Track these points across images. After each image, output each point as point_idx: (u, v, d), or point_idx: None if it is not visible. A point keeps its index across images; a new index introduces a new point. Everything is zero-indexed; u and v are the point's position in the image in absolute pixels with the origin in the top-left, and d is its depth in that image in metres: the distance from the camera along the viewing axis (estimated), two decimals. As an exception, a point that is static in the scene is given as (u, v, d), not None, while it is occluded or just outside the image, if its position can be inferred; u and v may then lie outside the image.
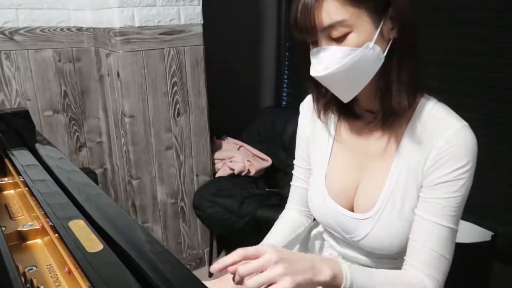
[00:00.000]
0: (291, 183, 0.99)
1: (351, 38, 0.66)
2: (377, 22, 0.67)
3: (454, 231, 0.72)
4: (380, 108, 0.73)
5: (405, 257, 0.75)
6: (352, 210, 0.81)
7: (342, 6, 0.64)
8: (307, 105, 0.92)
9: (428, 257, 0.72)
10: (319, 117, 0.84)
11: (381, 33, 0.67)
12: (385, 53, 0.69)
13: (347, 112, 0.81)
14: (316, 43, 0.70)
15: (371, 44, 0.66)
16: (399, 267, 0.81)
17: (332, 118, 0.85)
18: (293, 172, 0.97)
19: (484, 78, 1.60)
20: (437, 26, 1.70)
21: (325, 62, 0.68)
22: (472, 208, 1.63)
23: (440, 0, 1.69)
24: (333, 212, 0.82)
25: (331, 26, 0.65)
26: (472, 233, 1.58)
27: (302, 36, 0.70)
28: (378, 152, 0.78)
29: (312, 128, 0.90)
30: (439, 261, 0.72)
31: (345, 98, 0.74)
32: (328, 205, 0.83)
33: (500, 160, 1.58)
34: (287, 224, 0.94)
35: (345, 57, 0.66)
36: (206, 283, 0.70)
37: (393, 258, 0.81)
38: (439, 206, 0.71)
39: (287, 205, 0.99)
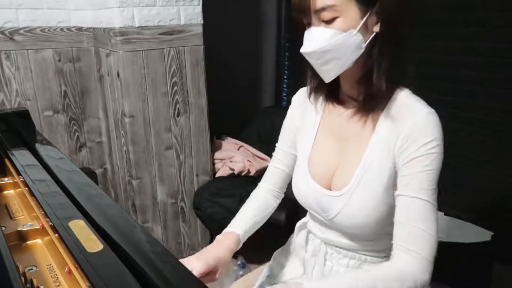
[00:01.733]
0: (269, 164, 1.05)
1: (338, 22, 0.74)
2: (363, 13, 0.74)
3: (433, 206, 0.76)
4: (362, 94, 0.80)
5: (392, 241, 0.78)
6: (330, 189, 0.86)
7: None
8: (298, 97, 1.01)
9: (411, 234, 0.75)
10: (309, 97, 0.92)
11: (365, 24, 0.75)
12: (365, 44, 0.76)
13: (334, 98, 0.89)
14: (309, 24, 0.78)
15: (355, 31, 0.74)
16: (379, 249, 0.87)
17: (320, 105, 0.92)
18: (273, 154, 1.03)
19: (484, 78, 1.60)
20: (437, 27, 1.70)
21: (313, 40, 0.77)
22: (472, 208, 1.63)
23: (441, 1, 1.69)
24: (314, 192, 0.88)
25: (323, 9, 0.74)
26: (472, 233, 1.58)
27: (300, 16, 0.79)
28: (356, 135, 0.85)
29: (301, 117, 0.97)
30: (423, 237, 0.74)
31: (327, 77, 0.81)
32: (310, 186, 0.89)
33: (500, 160, 1.58)
34: (258, 203, 1.01)
35: (330, 38, 0.75)
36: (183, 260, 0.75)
37: (372, 240, 0.86)
38: (415, 180, 0.75)
39: (260, 184, 1.05)
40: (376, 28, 0.76)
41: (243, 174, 2.06)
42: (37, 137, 1.06)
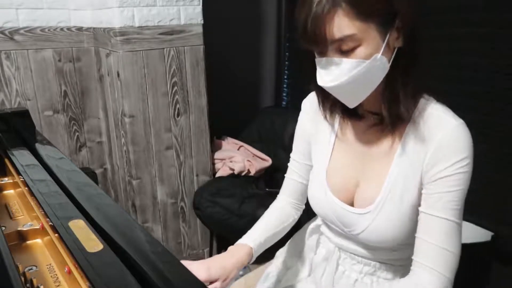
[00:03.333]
0: (285, 175, 1.01)
1: (360, 51, 0.68)
2: (384, 35, 0.69)
3: (458, 225, 0.73)
4: (388, 115, 0.75)
5: (412, 257, 0.76)
6: (352, 205, 0.83)
7: (352, 21, 0.66)
8: (309, 102, 0.94)
9: (434, 253, 0.72)
10: (325, 118, 0.87)
11: (387, 44, 0.70)
12: (390, 63, 0.72)
13: (351, 113, 0.84)
14: (323, 53, 0.72)
15: (379, 55, 0.69)
16: (396, 258, 0.84)
17: (336, 117, 0.88)
18: (288, 164, 1.00)
19: (485, 78, 1.60)
20: (439, 27, 1.70)
21: (333, 74, 0.71)
22: (472, 208, 1.63)
23: (442, 1, 1.69)
24: (333, 206, 0.85)
25: (341, 40, 0.68)
26: (472, 233, 1.58)
27: (310, 47, 0.72)
28: (379, 151, 0.81)
29: (314, 125, 0.92)
30: (446, 256, 0.72)
31: (351, 104, 0.77)
32: (329, 200, 0.85)
33: (500, 161, 1.58)
34: (276, 214, 0.97)
35: (354, 69, 0.69)
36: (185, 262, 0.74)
37: (392, 251, 0.84)
38: (441, 200, 0.72)
39: (278, 196, 1.02)
40: (398, 43, 0.71)
41: (243, 174, 2.06)
42: (37, 137, 1.06)
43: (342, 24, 0.66)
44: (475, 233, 1.58)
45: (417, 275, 0.74)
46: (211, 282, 0.79)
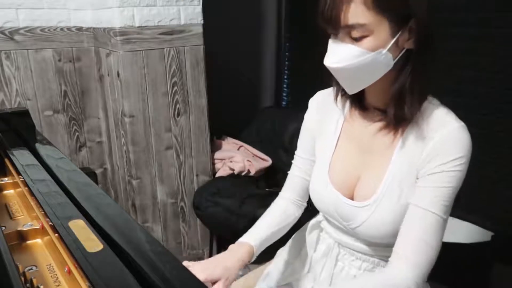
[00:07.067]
0: (289, 172, 1.02)
1: (368, 41, 0.71)
2: (394, 32, 0.71)
3: (443, 221, 0.75)
4: (393, 115, 0.78)
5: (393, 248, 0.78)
6: (352, 198, 0.85)
7: (368, 10, 0.69)
8: (316, 101, 0.97)
9: (412, 243, 0.74)
10: (335, 100, 0.90)
11: (396, 42, 0.72)
12: (395, 61, 0.73)
13: (358, 105, 0.86)
14: (335, 35, 0.75)
15: (384, 51, 0.71)
16: None
17: (346, 108, 0.90)
18: (292, 161, 1.01)
19: (484, 78, 1.60)
20: (439, 27, 1.70)
21: (338, 56, 0.74)
22: (472, 208, 1.63)
23: (441, 1, 1.69)
24: (334, 199, 0.86)
25: (353, 27, 0.70)
26: (472, 233, 1.58)
27: (325, 26, 0.75)
28: (381, 146, 0.83)
29: (319, 122, 0.94)
30: (425, 249, 0.74)
31: (350, 91, 0.79)
32: (329, 193, 0.87)
33: (500, 161, 1.58)
34: (278, 213, 0.98)
35: (358, 57, 0.72)
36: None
37: (389, 246, 0.84)
38: (431, 194, 0.74)
39: (281, 193, 1.02)
40: (408, 45, 0.73)
41: (243, 174, 2.06)
42: (37, 137, 1.06)
43: (358, 11, 0.69)
44: (475, 233, 1.58)
45: (391, 267, 0.75)
46: (213, 283, 0.78)
